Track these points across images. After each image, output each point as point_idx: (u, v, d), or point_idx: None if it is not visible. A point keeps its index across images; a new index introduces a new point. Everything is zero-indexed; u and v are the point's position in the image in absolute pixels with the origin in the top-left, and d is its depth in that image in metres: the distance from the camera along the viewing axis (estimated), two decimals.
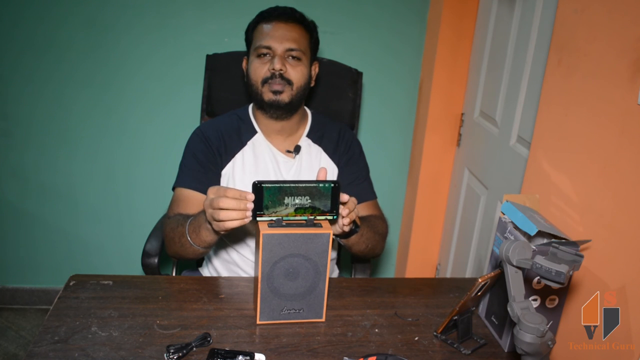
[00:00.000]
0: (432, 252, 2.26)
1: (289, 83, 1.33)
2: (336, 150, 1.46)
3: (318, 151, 1.45)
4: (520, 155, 1.57)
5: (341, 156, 1.46)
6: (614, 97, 0.96)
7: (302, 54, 1.35)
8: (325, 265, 1.03)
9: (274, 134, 1.41)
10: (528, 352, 0.81)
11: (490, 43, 1.83)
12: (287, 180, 1.00)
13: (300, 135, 1.44)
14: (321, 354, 0.99)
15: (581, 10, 1.07)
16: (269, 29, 1.34)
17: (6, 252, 2.22)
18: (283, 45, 1.32)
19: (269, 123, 1.40)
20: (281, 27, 1.33)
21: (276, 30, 1.33)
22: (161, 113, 2.06)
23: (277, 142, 1.42)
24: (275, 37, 1.32)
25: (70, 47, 1.95)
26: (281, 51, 1.32)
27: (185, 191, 1.34)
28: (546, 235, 1.02)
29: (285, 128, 1.41)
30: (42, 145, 2.07)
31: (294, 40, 1.33)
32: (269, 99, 1.34)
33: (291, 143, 1.43)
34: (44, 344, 0.95)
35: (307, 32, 1.38)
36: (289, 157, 1.41)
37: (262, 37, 1.33)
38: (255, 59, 1.35)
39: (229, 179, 1.38)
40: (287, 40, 1.33)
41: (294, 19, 1.36)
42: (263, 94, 1.34)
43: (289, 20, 1.35)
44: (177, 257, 1.28)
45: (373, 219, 1.41)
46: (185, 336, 1.00)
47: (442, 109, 2.04)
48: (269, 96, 1.33)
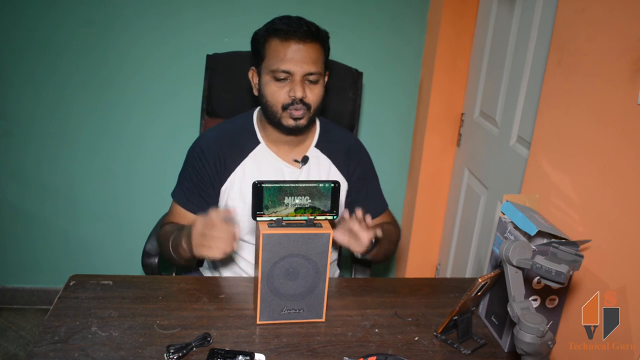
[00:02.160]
0: (432, 252, 2.26)
1: (308, 108, 1.28)
2: (346, 163, 1.42)
3: (328, 163, 1.40)
4: (520, 155, 1.57)
5: (352, 171, 1.42)
6: (614, 97, 0.96)
7: (320, 75, 1.28)
8: (325, 265, 1.03)
9: (281, 144, 1.36)
10: (528, 352, 0.81)
11: (490, 43, 1.83)
12: (287, 180, 1.01)
13: (308, 145, 1.40)
14: (321, 354, 0.99)
15: (581, 10, 1.07)
16: (286, 50, 1.24)
17: (6, 252, 2.22)
18: (303, 69, 1.24)
19: (278, 136, 1.34)
20: (300, 49, 1.24)
21: (295, 52, 1.24)
22: (161, 113, 2.06)
23: (283, 151, 1.37)
24: (295, 60, 1.24)
25: (70, 47, 1.95)
26: (300, 75, 1.25)
27: (179, 208, 1.37)
28: (546, 235, 1.02)
29: (293, 140, 1.36)
30: (42, 145, 2.07)
31: (313, 63, 1.25)
32: (288, 125, 1.28)
33: (298, 153, 1.38)
34: (44, 344, 0.95)
35: (322, 47, 1.30)
36: (295, 167, 1.37)
37: (279, 59, 1.24)
38: (272, 80, 1.27)
39: (228, 195, 1.36)
40: (307, 63, 1.24)
41: (311, 36, 1.26)
42: (282, 118, 1.28)
43: (307, 39, 1.25)
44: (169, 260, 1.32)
45: (387, 226, 1.40)
46: (185, 336, 1.00)
47: (442, 109, 2.04)
48: (288, 122, 1.28)
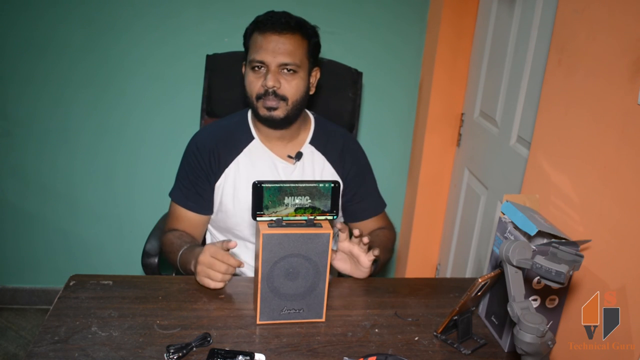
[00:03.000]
0: (432, 252, 2.26)
1: (284, 99, 1.28)
2: (340, 161, 1.43)
3: (322, 160, 1.41)
4: (520, 155, 1.57)
5: (347, 169, 1.43)
6: (614, 97, 0.96)
7: (297, 67, 1.28)
8: (325, 265, 1.03)
9: (274, 140, 1.38)
10: (528, 352, 0.81)
11: (490, 43, 1.83)
12: (287, 180, 1.01)
13: (302, 141, 1.41)
14: (321, 354, 0.99)
15: (581, 10, 1.07)
16: (262, 41, 1.27)
17: (6, 252, 2.22)
18: (276, 60, 1.26)
19: (269, 131, 1.36)
20: (274, 40, 1.26)
21: (269, 42, 1.26)
22: (161, 113, 2.06)
23: (277, 147, 1.38)
24: (268, 50, 1.26)
25: (70, 47, 1.95)
26: (275, 66, 1.26)
27: (178, 208, 1.39)
28: (546, 235, 1.02)
29: (285, 135, 1.37)
30: (42, 145, 2.07)
31: (288, 54, 1.26)
32: (263, 114, 1.30)
33: (293, 148, 1.40)
34: (44, 344, 0.95)
35: (304, 39, 1.30)
36: (288, 163, 1.38)
37: (255, 49, 1.27)
38: (250, 71, 1.30)
39: (222, 190, 1.37)
40: (281, 53, 1.26)
41: (289, 27, 1.27)
42: (258, 109, 1.31)
43: (284, 31, 1.26)
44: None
45: (382, 234, 1.41)
46: (185, 336, 1.00)
47: (442, 109, 2.04)
48: (263, 112, 1.30)
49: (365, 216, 1.46)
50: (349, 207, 1.46)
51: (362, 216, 1.46)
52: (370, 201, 1.47)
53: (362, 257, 1.19)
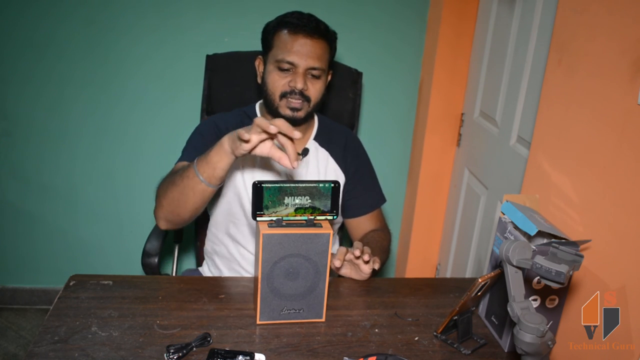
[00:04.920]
0: (432, 252, 2.26)
1: (308, 100, 1.32)
2: (343, 157, 1.45)
3: (326, 156, 1.44)
4: (520, 155, 1.57)
5: (349, 165, 1.46)
6: (614, 97, 0.96)
7: (322, 71, 1.32)
8: (325, 265, 1.03)
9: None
10: (528, 352, 0.81)
11: (490, 43, 1.83)
12: (287, 180, 1.01)
13: (307, 138, 1.44)
14: (321, 354, 0.99)
15: (581, 10, 1.07)
16: (293, 42, 1.29)
17: (6, 252, 2.22)
18: (306, 63, 1.29)
19: None
20: (307, 44, 1.29)
21: (302, 45, 1.29)
22: (161, 113, 2.06)
23: None
24: (300, 53, 1.28)
25: (70, 47, 1.95)
26: (303, 68, 1.29)
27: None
28: (546, 235, 1.02)
29: None
30: (42, 145, 2.07)
31: (317, 58, 1.30)
32: (285, 114, 1.31)
33: (298, 145, 1.41)
34: (44, 344, 0.95)
35: (329, 45, 1.34)
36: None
37: (285, 50, 1.29)
38: (275, 70, 1.31)
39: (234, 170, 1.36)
40: (311, 57, 1.29)
41: (319, 32, 1.31)
42: (279, 107, 1.32)
43: (315, 35, 1.30)
44: (170, 215, 1.24)
45: (377, 236, 1.42)
46: (185, 336, 1.00)
47: (442, 109, 2.04)
48: (285, 112, 1.32)
49: (362, 212, 1.48)
50: (347, 202, 1.47)
51: (359, 212, 1.48)
52: (371, 195, 1.49)
53: (363, 265, 1.20)
